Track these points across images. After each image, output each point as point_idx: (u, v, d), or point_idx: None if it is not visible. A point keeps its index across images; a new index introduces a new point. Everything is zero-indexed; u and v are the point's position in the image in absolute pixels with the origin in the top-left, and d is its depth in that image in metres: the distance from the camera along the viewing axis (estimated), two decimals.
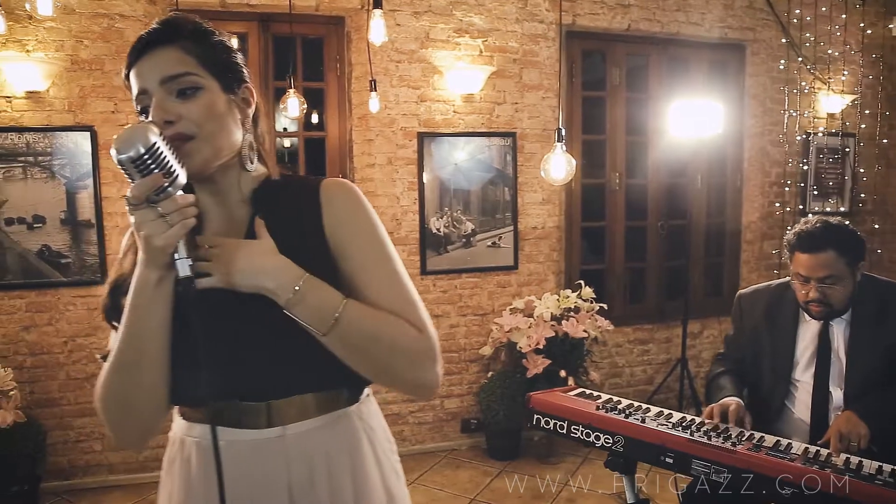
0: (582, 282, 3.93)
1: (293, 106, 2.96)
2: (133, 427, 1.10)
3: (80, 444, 3.74)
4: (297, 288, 1.01)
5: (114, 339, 1.06)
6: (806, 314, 2.17)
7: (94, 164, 3.62)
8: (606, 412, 2.08)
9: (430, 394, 1.17)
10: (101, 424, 3.23)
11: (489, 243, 4.11)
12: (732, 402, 2.07)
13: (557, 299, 3.76)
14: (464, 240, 4.07)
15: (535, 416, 2.23)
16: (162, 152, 0.94)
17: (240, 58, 1.14)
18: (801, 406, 2.18)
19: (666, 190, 4.47)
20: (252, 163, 1.13)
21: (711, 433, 1.90)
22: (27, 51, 3.47)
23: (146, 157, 0.92)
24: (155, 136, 0.94)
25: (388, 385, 1.18)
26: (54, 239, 3.64)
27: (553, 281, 4.20)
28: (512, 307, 3.95)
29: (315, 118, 4.84)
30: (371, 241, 1.12)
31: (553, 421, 2.19)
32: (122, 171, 0.94)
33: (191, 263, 0.98)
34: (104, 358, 1.08)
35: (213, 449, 0.96)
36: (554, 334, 3.63)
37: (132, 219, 0.95)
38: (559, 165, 2.65)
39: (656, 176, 4.45)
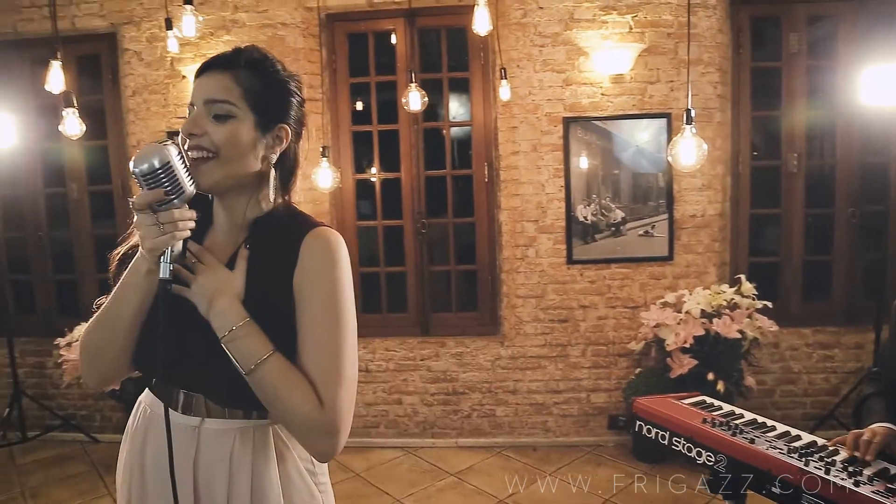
0: (742, 276, 3.54)
1: (414, 99, 3.02)
2: (97, 373, 1.27)
3: None
4: (233, 329, 1.13)
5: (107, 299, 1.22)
6: None
7: None
8: (712, 426, 1.87)
9: (321, 460, 1.24)
10: None
11: (641, 232, 3.87)
12: (881, 429, 1.73)
13: (709, 294, 3.43)
14: (613, 228, 3.88)
15: (638, 423, 2.08)
16: (173, 170, 1.07)
17: (294, 100, 1.25)
18: None
19: (859, 171, 3.84)
20: (273, 194, 1.24)
21: (834, 465, 1.62)
22: None
23: (159, 172, 1.06)
24: (171, 156, 1.07)
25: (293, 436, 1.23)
26: None
27: (714, 274, 3.83)
28: (663, 301, 3.68)
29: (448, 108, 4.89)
30: (325, 301, 1.18)
31: (655, 430, 2.02)
32: (136, 181, 1.06)
33: (171, 268, 1.11)
34: (97, 308, 1.25)
35: (166, 427, 1.11)
36: (704, 333, 3.32)
37: (135, 219, 1.10)
38: (688, 150, 2.40)
39: (847, 155, 3.83)
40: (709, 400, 2.19)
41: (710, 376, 3.25)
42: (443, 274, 4.31)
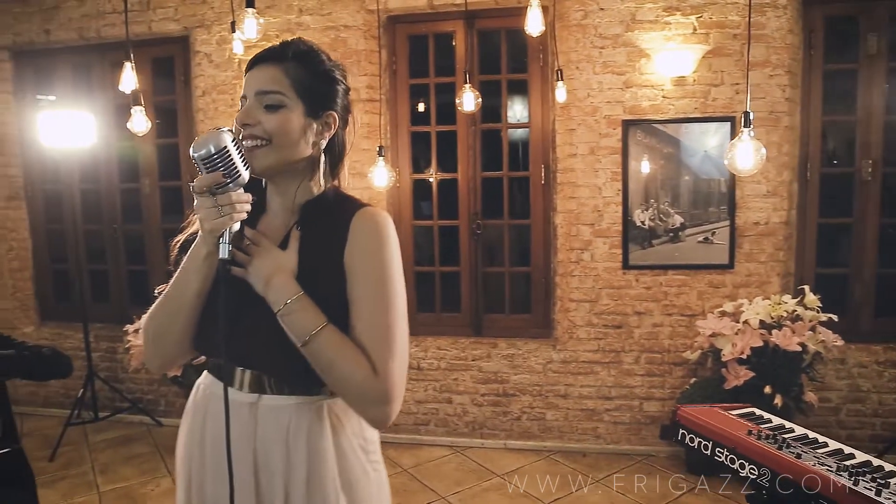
0: (806, 287, 3.40)
1: (468, 100, 3.04)
2: (159, 357, 1.32)
3: None
4: (287, 302, 1.18)
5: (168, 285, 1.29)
6: None
7: None
8: (757, 439, 1.81)
9: (376, 427, 1.27)
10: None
11: (700, 239, 3.76)
12: None
13: (769, 304, 3.31)
14: (671, 234, 3.79)
15: (681, 432, 2.02)
16: (230, 155, 1.13)
17: (340, 88, 1.30)
18: None
19: None
20: (323, 179, 1.30)
21: (887, 487, 1.54)
22: None
23: (215, 157, 1.11)
24: (227, 141, 1.12)
25: (347, 405, 1.25)
26: None
27: (777, 284, 3.69)
28: (720, 310, 3.57)
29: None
30: (376, 277, 1.22)
31: (698, 439, 1.97)
32: (195, 166, 1.13)
33: (230, 249, 1.16)
34: (159, 294, 1.31)
35: (224, 405, 1.16)
36: (762, 344, 3.20)
37: (195, 202, 1.16)
38: (745, 154, 2.32)
39: None
40: (758, 412, 2.11)
41: (767, 389, 3.13)
42: (497, 275, 4.31)
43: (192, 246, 1.23)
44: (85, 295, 4.54)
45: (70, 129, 3.99)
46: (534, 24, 2.43)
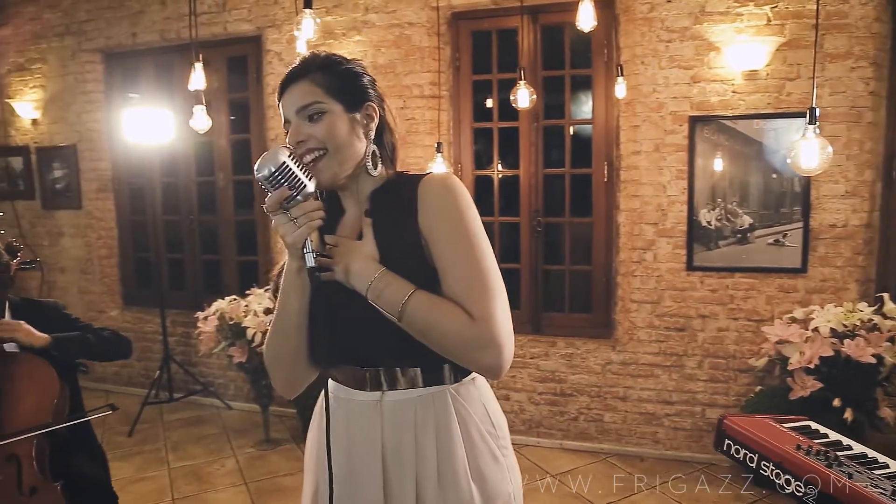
0: (886, 295, 3.17)
1: (523, 97, 3.01)
2: (283, 377, 1.37)
3: None
4: (370, 284, 1.21)
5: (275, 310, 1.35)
6: None
7: None
8: (806, 454, 1.72)
9: (492, 376, 1.25)
10: None
11: (770, 241, 3.59)
12: None
13: (842, 312, 3.11)
14: (738, 235, 3.63)
15: (726, 442, 1.95)
16: (290, 169, 1.18)
17: (366, 80, 1.34)
18: None
19: None
20: (375, 168, 1.32)
21: None
22: None
23: (277, 174, 1.17)
24: (284, 157, 1.18)
25: (461, 364, 1.26)
26: None
27: (856, 290, 3.47)
28: (789, 316, 3.40)
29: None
30: (455, 231, 1.23)
31: (745, 451, 1.89)
32: (262, 188, 1.19)
33: (315, 256, 1.20)
34: (272, 279, 1.41)
35: (324, 403, 1.24)
36: (833, 354, 3.02)
37: (272, 222, 1.21)
38: (810, 153, 2.20)
39: None
40: (815, 426, 2.01)
41: (836, 402, 2.95)
42: (557, 273, 4.27)
43: (286, 265, 1.28)
44: (163, 282, 4.82)
45: (152, 126, 4.23)
46: (586, 19, 2.39)
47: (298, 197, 1.19)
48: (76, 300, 5.25)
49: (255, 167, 1.18)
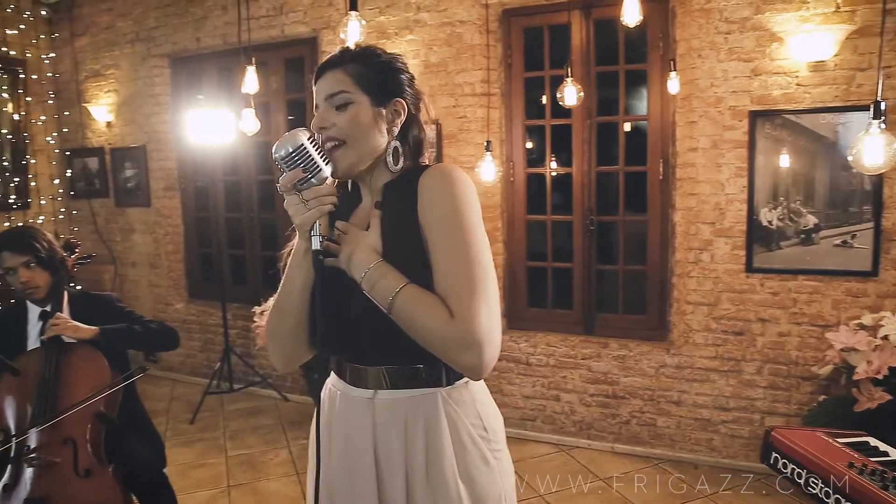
0: None
1: (570, 94, 2.94)
2: (279, 352, 1.40)
3: None
4: (365, 273, 1.22)
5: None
6: None
7: (438, 152, 4.20)
8: (859, 473, 1.62)
9: (473, 376, 1.24)
10: None
11: (837, 242, 3.40)
12: None
13: None
14: (802, 236, 3.45)
15: (774, 455, 1.87)
16: (307, 152, 1.21)
17: (401, 76, 1.36)
18: None
19: None
20: (396, 163, 1.34)
21: None
22: None
23: (294, 154, 1.20)
24: (303, 139, 1.21)
25: (445, 361, 1.25)
26: None
27: None
28: (857, 322, 3.21)
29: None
30: (449, 224, 1.23)
31: (792, 466, 1.80)
32: (277, 167, 1.22)
33: (321, 240, 1.23)
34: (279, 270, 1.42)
35: (314, 392, 1.26)
36: None
37: (284, 202, 1.25)
38: (874, 149, 2.06)
39: None
40: (873, 442, 1.90)
41: None
42: (610, 273, 4.18)
43: (295, 245, 1.31)
44: (225, 277, 4.99)
45: (214, 127, 4.38)
46: (631, 13, 2.31)
47: (313, 180, 1.21)
48: (146, 293, 5.53)
49: (274, 147, 1.21)
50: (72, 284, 2.72)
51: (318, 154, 1.22)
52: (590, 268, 4.08)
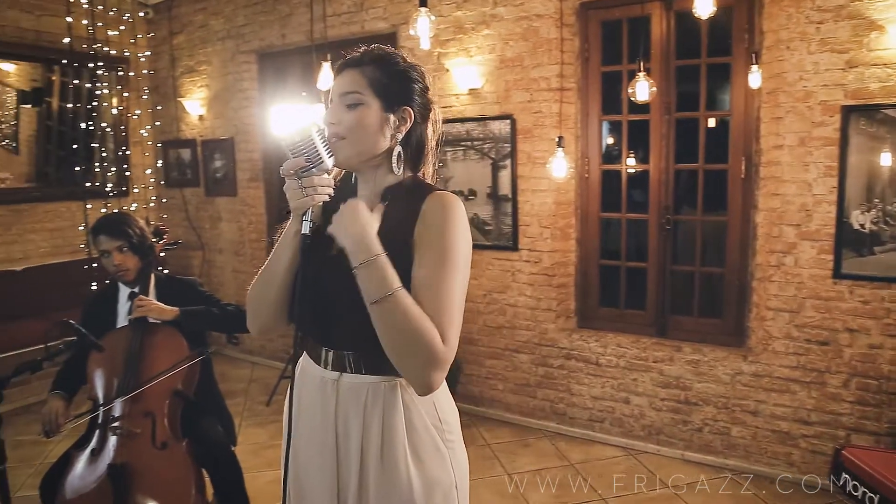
0: None
1: (642, 90, 2.85)
2: (257, 322, 1.50)
3: (487, 381, 4.48)
4: (369, 259, 1.25)
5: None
6: None
7: (512, 148, 4.18)
8: None
9: (423, 392, 1.31)
10: (506, 368, 3.90)
11: None
12: None
13: None
14: None
15: (844, 476, 1.77)
16: (313, 144, 1.29)
17: (416, 86, 1.42)
18: None
19: None
20: (398, 167, 1.41)
21: None
22: (470, 55, 4.22)
23: (300, 144, 1.29)
24: (312, 132, 1.29)
25: (399, 369, 1.32)
26: (482, 209, 4.37)
27: None
28: None
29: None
30: (438, 251, 1.30)
31: (863, 488, 1.70)
32: (285, 153, 1.30)
33: (311, 225, 1.32)
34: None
35: (291, 368, 1.40)
36: None
37: (285, 185, 1.34)
38: None
39: None
40: None
41: None
42: (686, 274, 4.03)
43: (287, 225, 1.40)
44: None
45: (295, 121, 4.53)
46: (704, 4, 2.21)
47: (314, 169, 1.29)
48: (230, 279, 5.81)
49: (286, 134, 1.29)
50: (159, 269, 2.89)
51: (324, 146, 1.30)
52: (665, 268, 3.95)
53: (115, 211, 3.25)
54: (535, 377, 4.31)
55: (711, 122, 4.28)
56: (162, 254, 2.90)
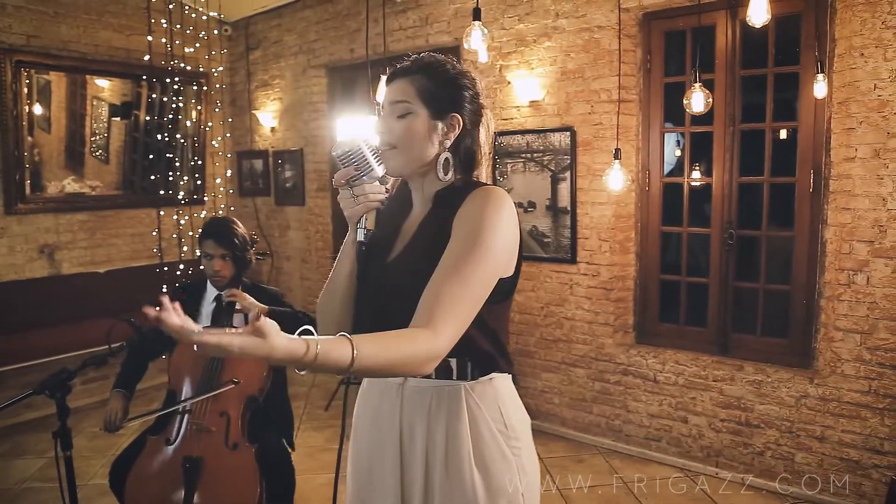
0: None
1: (697, 101, 2.78)
2: (325, 331, 1.46)
3: (543, 394, 4.45)
4: (306, 363, 1.05)
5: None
6: None
7: (572, 160, 4.16)
8: None
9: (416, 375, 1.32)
10: (562, 382, 3.87)
11: None
12: None
13: None
14: None
15: None
16: (362, 153, 1.35)
17: (465, 93, 1.43)
18: None
19: None
20: (445, 174, 1.42)
21: None
22: (531, 68, 4.25)
23: (350, 154, 1.35)
24: (359, 143, 1.35)
25: None
26: (541, 221, 4.37)
27: None
28: None
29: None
30: (466, 239, 1.29)
31: None
32: (336, 164, 1.38)
33: (366, 233, 1.37)
34: None
35: (345, 385, 1.43)
36: None
37: (339, 195, 1.40)
38: None
39: None
40: None
41: None
42: (749, 291, 3.88)
43: (348, 235, 1.45)
44: None
45: (350, 134, 4.68)
46: (758, 12, 2.15)
47: (364, 178, 1.34)
48: (297, 286, 6.01)
49: (334, 147, 1.36)
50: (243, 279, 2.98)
51: (373, 155, 1.34)
52: (727, 284, 3.83)
53: (222, 216, 3.38)
54: (592, 392, 4.25)
55: (783, 134, 4.13)
56: (251, 263, 2.91)
